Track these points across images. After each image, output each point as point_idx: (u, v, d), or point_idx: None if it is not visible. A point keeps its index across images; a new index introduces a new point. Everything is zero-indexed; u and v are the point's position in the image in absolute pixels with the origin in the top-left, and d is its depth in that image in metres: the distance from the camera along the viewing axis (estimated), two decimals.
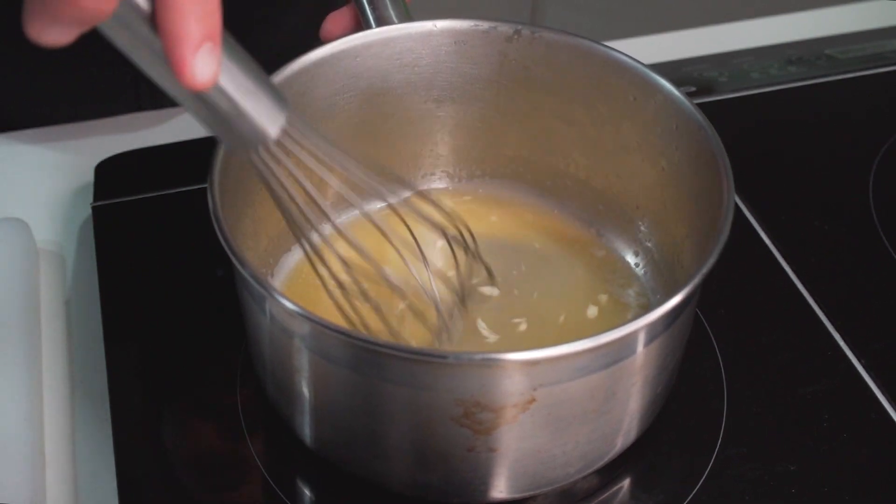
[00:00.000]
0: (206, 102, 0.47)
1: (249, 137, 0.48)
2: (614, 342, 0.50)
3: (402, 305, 0.61)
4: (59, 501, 0.60)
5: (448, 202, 0.68)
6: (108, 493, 0.59)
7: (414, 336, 0.60)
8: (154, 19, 0.43)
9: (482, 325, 0.62)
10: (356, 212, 0.59)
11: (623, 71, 0.63)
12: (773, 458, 0.61)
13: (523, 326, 0.63)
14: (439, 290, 0.60)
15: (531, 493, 0.57)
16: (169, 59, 0.43)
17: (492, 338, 0.62)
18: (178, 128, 0.82)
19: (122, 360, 0.64)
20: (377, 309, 0.56)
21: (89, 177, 0.76)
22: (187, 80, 0.43)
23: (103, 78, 0.81)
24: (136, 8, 0.43)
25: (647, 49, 0.81)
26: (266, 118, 0.48)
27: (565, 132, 0.67)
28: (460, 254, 0.61)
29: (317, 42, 0.63)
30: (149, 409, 0.63)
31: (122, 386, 0.63)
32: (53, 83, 0.82)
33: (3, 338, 0.64)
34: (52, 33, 0.42)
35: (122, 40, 0.44)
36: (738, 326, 0.68)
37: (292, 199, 0.52)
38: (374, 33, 0.64)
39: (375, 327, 0.56)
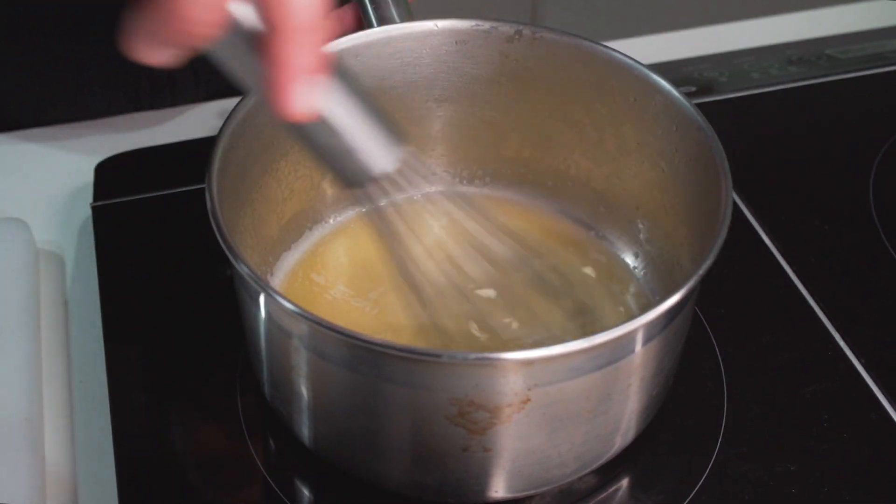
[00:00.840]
0: (308, 135, 0.44)
1: (356, 176, 0.45)
2: (610, 342, 0.50)
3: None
4: (59, 501, 0.60)
5: (447, 203, 0.68)
6: (108, 493, 0.59)
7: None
8: (261, 43, 0.40)
9: (474, 327, 0.62)
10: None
11: (623, 71, 0.63)
12: (773, 458, 0.61)
13: (515, 325, 0.63)
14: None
15: (528, 493, 0.57)
16: (270, 84, 0.40)
17: (483, 337, 0.62)
18: (178, 128, 0.82)
19: (122, 361, 0.64)
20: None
21: (89, 177, 0.76)
22: (284, 109, 0.40)
23: (103, 78, 0.81)
24: (245, 31, 0.41)
25: (647, 49, 0.81)
26: (376, 157, 0.45)
27: (566, 133, 0.67)
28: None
29: None
30: (149, 409, 0.63)
31: (122, 386, 0.63)
32: (53, 83, 0.82)
33: (2, 338, 0.64)
34: (158, 55, 0.41)
35: (226, 61, 0.42)
36: (738, 326, 0.67)
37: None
38: (376, 32, 0.64)
39: None
